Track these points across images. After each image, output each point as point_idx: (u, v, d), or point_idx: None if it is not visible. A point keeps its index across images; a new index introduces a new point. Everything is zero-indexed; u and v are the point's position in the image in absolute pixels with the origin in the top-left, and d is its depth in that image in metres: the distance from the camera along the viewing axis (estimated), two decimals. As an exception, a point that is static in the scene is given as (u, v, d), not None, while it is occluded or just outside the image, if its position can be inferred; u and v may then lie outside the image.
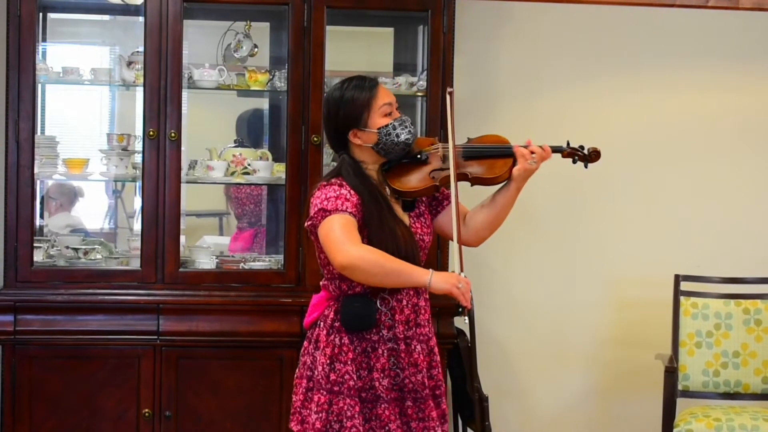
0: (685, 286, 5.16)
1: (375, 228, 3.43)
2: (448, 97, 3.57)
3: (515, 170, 3.57)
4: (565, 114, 5.44)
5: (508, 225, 3.74)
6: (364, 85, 3.53)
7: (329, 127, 3.57)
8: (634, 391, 5.46)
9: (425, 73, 4.88)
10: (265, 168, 4.91)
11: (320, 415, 3.46)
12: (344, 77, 5.01)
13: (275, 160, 4.98)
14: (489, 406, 4.85)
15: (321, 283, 3.60)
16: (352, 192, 3.45)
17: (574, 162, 3.72)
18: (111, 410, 4.65)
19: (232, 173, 4.91)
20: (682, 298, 5.14)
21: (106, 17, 5.29)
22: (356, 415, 3.43)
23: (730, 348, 5.09)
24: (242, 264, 4.91)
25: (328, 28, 4.77)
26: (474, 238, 3.67)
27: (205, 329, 4.67)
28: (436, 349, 3.57)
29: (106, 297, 4.65)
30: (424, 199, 3.63)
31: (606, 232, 5.50)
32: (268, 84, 4.92)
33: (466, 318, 3.43)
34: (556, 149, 3.68)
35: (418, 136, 3.62)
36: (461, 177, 3.57)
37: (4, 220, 4.67)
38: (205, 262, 4.87)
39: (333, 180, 3.49)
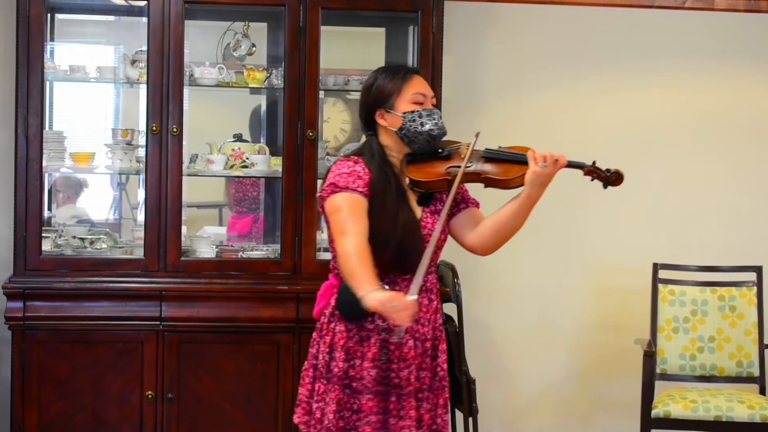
0: (663, 274, 5.21)
1: (376, 206, 3.33)
2: (474, 138, 3.46)
3: (527, 174, 3.37)
4: (550, 111, 5.46)
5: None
6: (399, 71, 3.48)
7: (361, 108, 3.50)
8: (615, 374, 5.50)
9: (416, 71, 5.01)
10: (262, 161, 4.94)
11: (319, 405, 3.37)
12: (339, 75, 5.16)
13: (272, 153, 5.01)
14: (476, 389, 4.84)
15: (331, 264, 3.49)
16: (366, 170, 3.36)
17: (592, 180, 3.48)
18: (116, 393, 4.70)
19: (231, 166, 4.93)
20: (660, 286, 5.20)
21: (111, 18, 5.31)
22: (330, 402, 3.34)
23: (706, 333, 5.16)
24: (241, 253, 4.91)
25: (323, 28, 4.79)
26: (479, 244, 3.50)
27: (205, 315, 4.71)
28: (440, 353, 3.44)
29: (111, 285, 4.70)
30: (444, 197, 3.46)
31: (588, 222, 5.50)
32: (266, 81, 4.94)
33: (398, 337, 3.26)
34: (577, 165, 3.45)
35: (447, 137, 3.50)
36: (475, 176, 3.43)
37: (14, 212, 4.71)
38: (206, 251, 4.90)
39: (351, 157, 3.42)
